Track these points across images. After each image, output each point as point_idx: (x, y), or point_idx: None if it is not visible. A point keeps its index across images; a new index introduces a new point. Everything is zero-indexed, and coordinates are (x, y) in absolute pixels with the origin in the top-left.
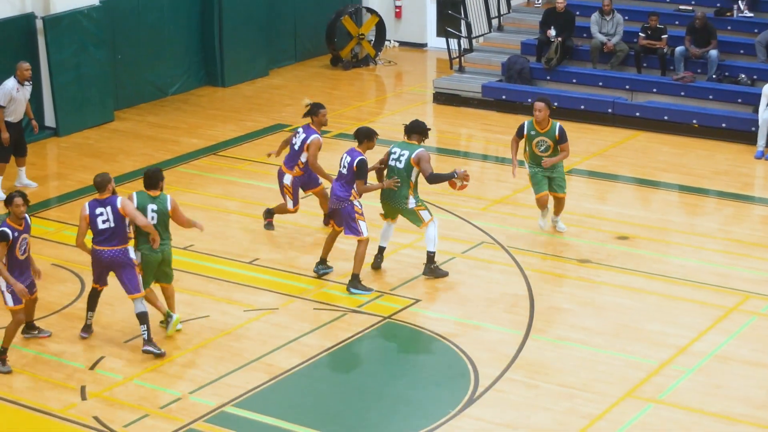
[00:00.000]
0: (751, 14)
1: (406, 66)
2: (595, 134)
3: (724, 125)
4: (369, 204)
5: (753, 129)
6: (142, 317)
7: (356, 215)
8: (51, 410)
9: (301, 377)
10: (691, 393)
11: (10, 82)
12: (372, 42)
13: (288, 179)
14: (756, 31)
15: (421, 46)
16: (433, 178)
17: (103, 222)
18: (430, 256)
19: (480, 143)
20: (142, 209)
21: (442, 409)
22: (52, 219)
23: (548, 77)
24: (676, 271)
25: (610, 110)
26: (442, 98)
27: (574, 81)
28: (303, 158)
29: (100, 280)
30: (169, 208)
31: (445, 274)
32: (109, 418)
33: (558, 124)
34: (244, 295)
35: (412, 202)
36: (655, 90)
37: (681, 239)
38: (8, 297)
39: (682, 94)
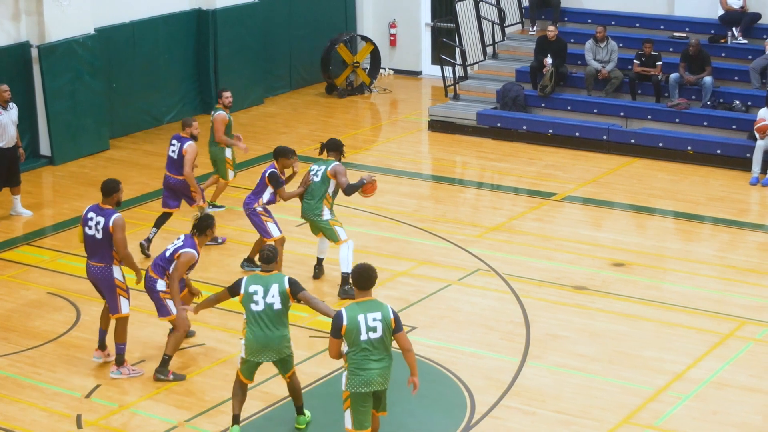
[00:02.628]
0: (745, 41)
1: (401, 94)
2: (590, 161)
3: (718, 151)
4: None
5: (747, 155)
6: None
7: (262, 218)
8: None
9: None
10: (688, 419)
11: None
12: (367, 70)
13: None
14: (750, 57)
15: (416, 74)
16: (350, 189)
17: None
18: (344, 277)
19: (475, 170)
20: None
21: None
22: (47, 247)
23: (543, 104)
24: (671, 297)
25: (605, 137)
26: (437, 126)
27: (569, 108)
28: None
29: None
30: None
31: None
32: None
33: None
34: (239, 323)
35: (326, 214)
36: (649, 117)
37: (676, 266)
38: None
39: (677, 120)
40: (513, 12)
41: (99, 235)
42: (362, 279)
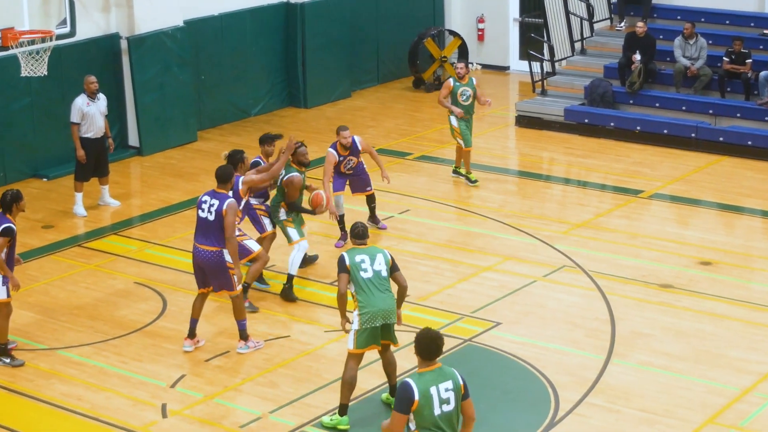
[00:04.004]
0: None
1: (488, 89)
2: (678, 159)
3: None
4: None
5: None
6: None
7: (257, 212)
8: (132, 428)
9: (379, 397)
10: None
11: (80, 98)
12: (454, 64)
13: None
14: None
15: (503, 69)
16: (292, 207)
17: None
18: (289, 278)
19: (562, 167)
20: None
21: None
22: (135, 237)
23: (631, 101)
24: (759, 297)
25: (693, 135)
26: (524, 121)
27: (657, 105)
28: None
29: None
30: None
31: (293, 299)
32: None
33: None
34: (325, 315)
35: (282, 214)
36: (738, 115)
37: (764, 265)
38: (2, 290)
39: (766, 119)
40: (602, 7)
41: (211, 218)
42: (429, 350)
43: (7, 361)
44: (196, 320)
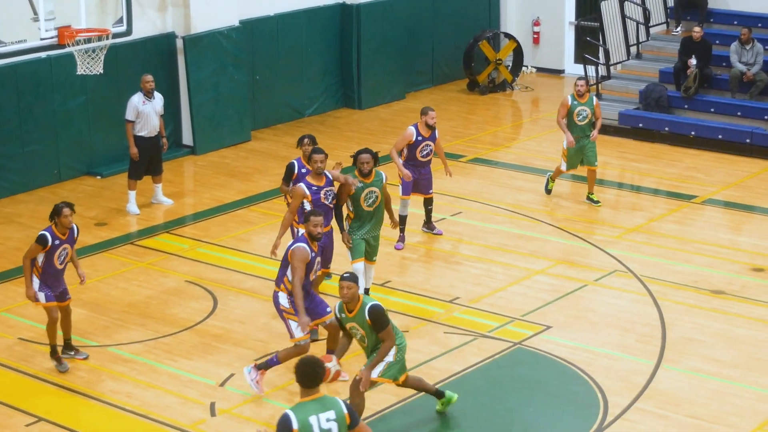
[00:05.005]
0: None
1: (542, 92)
2: (732, 164)
3: None
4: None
5: None
6: None
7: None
8: (181, 425)
9: (428, 400)
10: None
11: (136, 96)
12: (509, 67)
13: None
14: None
15: (558, 73)
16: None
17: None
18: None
19: (615, 171)
20: None
21: None
22: (187, 236)
23: (686, 105)
24: None
25: (748, 140)
26: None
27: (712, 110)
28: None
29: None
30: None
31: None
32: None
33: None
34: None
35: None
36: None
37: None
38: (41, 295)
39: None
40: (658, 12)
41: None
42: (308, 377)
43: (56, 363)
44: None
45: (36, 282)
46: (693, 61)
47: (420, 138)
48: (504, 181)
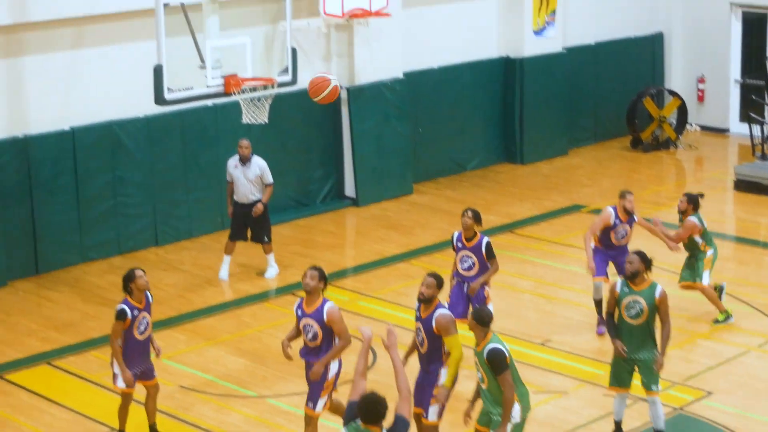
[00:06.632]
0: None
1: (706, 151)
2: None
3: None
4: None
5: None
6: None
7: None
8: None
9: None
10: None
11: (232, 159)
12: (673, 125)
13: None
14: None
15: (723, 131)
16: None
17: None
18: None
19: None
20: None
21: None
22: (348, 288)
23: None
24: None
25: None
26: (743, 185)
27: None
28: None
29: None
30: None
31: None
32: None
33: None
34: (534, 376)
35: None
36: None
37: None
38: (119, 379)
39: None
40: None
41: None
42: (371, 414)
43: None
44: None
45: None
46: None
47: (618, 222)
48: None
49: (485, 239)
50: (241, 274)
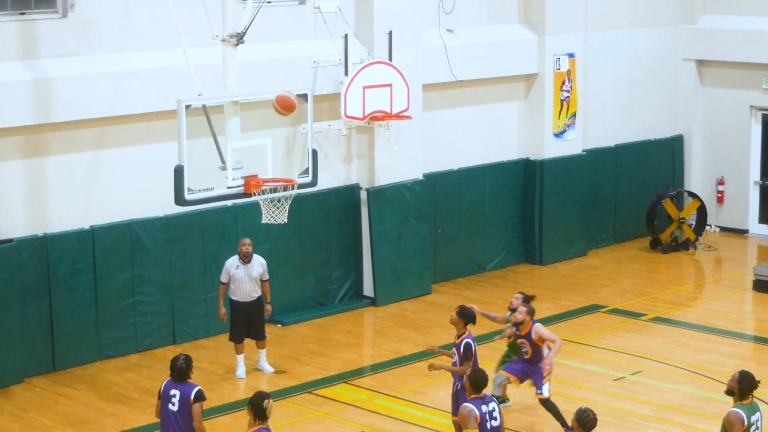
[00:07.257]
0: None
1: (726, 252)
2: None
3: None
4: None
5: None
6: None
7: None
8: None
9: None
10: None
11: (231, 259)
12: (692, 226)
13: None
14: None
15: (742, 232)
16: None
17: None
18: None
19: None
20: None
21: None
22: (365, 387)
23: None
24: None
25: None
26: (763, 286)
27: None
28: None
29: None
30: None
31: None
32: None
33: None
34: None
35: None
36: None
37: None
38: None
39: None
40: None
41: None
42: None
43: None
44: None
45: None
46: None
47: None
48: (685, 341)
49: (465, 340)
50: (257, 373)
